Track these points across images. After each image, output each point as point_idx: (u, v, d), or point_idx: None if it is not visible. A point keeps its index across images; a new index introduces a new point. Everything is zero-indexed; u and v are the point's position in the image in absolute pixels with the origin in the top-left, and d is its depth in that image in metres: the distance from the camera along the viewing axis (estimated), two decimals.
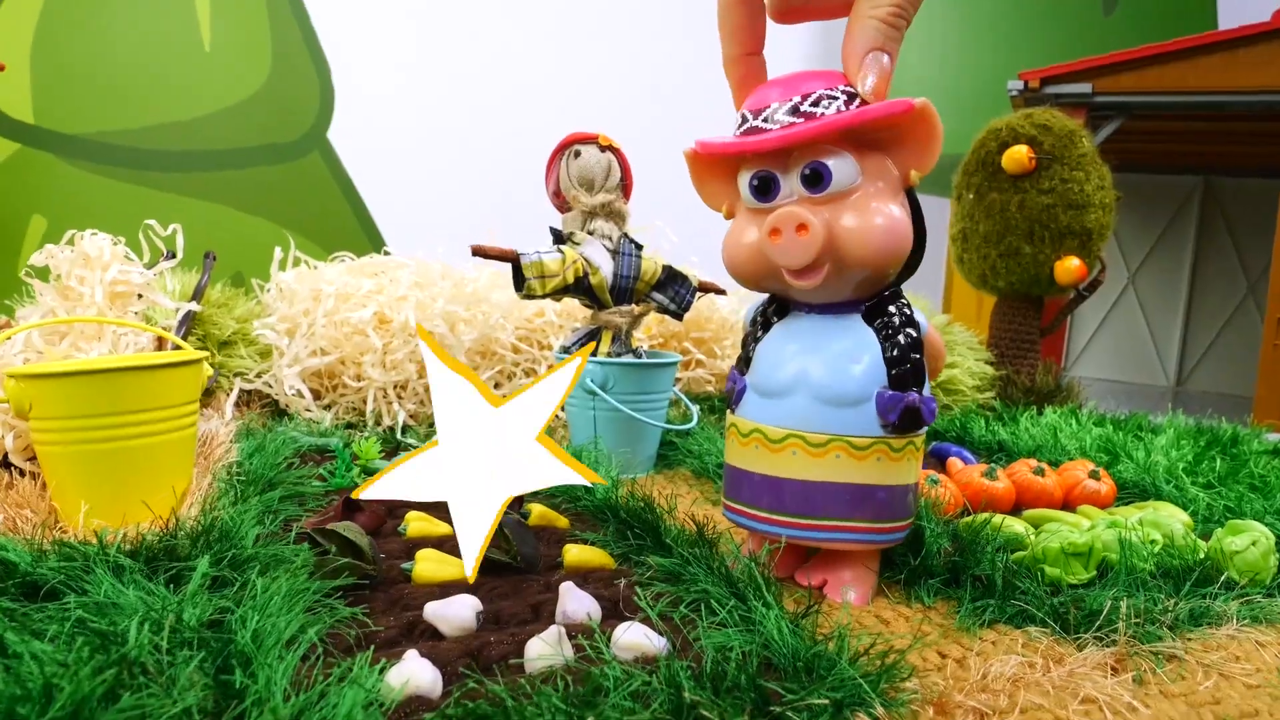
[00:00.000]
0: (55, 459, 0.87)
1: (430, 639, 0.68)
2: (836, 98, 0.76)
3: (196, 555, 0.74)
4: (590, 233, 1.35)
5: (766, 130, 0.77)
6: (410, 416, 1.44)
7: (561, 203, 1.39)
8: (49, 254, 1.09)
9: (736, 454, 0.86)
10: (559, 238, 1.35)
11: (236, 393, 1.32)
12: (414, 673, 0.58)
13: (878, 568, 0.88)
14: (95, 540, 0.72)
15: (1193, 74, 1.98)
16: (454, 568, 0.79)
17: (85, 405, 0.86)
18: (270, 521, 0.89)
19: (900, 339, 0.80)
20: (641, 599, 0.70)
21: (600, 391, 1.26)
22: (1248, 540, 0.88)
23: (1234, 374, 2.85)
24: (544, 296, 1.30)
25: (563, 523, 0.96)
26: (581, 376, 1.28)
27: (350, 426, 1.40)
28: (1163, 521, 0.93)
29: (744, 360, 0.88)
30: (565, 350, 1.34)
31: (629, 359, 1.33)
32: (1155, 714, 0.64)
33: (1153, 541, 0.89)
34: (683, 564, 0.79)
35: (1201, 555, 0.89)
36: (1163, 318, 2.98)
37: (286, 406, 1.40)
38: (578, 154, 1.35)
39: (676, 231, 1.85)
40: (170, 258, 1.51)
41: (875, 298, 0.82)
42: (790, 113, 0.76)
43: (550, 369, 0.83)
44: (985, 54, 3.18)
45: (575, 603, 0.71)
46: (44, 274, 1.12)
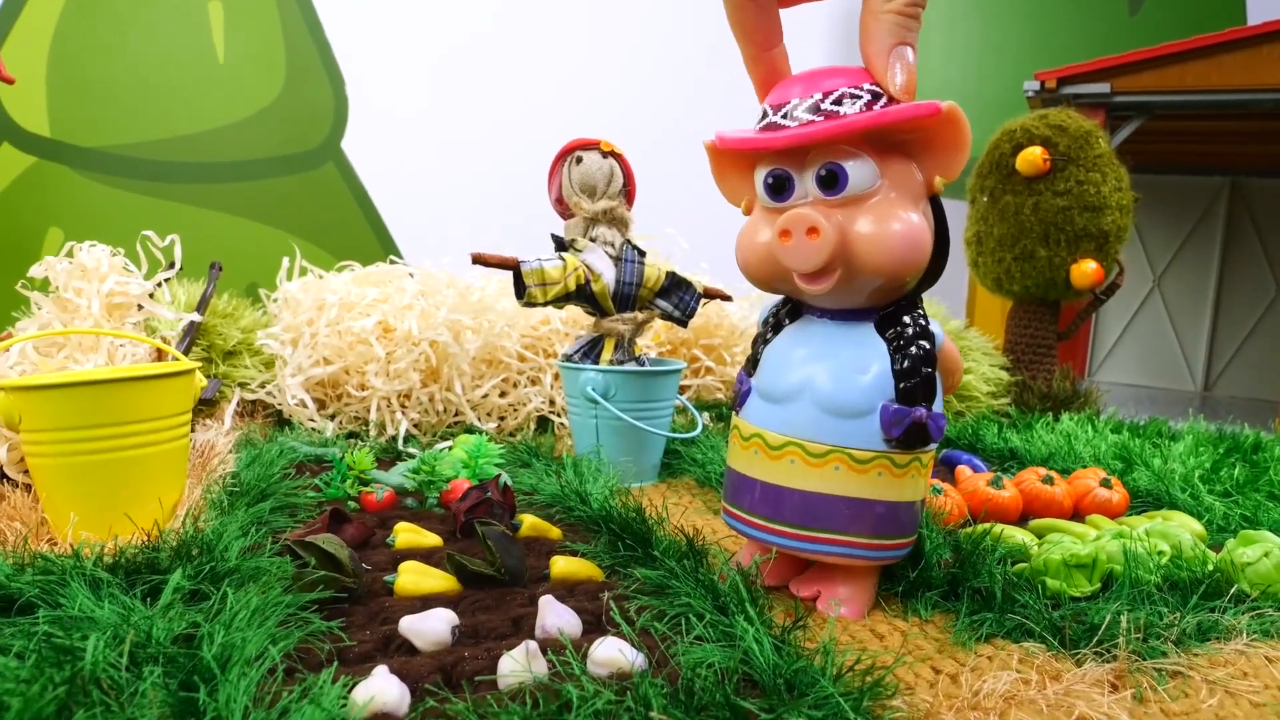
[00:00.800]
0: (46, 471, 0.87)
1: (406, 654, 0.67)
2: (860, 96, 0.73)
3: (175, 569, 0.74)
4: (592, 239, 1.34)
5: (785, 127, 0.74)
6: (414, 426, 1.44)
7: (564, 209, 1.38)
8: (47, 265, 1.10)
9: (738, 457, 0.84)
10: (561, 245, 1.34)
11: (236, 402, 1.32)
12: (380, 689, 0.57)
13: (875, 582, 0.86)
14: (73, 553, 0.72)
15: (1215, 72, 1.93)
16: (436, 580, 0.78)
17: (75, 417, 0.86)
18: (258, 533, 0.88)
19: (912, 351, 0.77)
20: (615, 614, 0.68)
21: (601, 400, 1.25)
22: (1260, 551, 0.85)
23: (1263, 378, 2.78)
24: (545, 304, 1.29)
25: (555, 534, 0.94)
26: (583, 384, 1.27)
27: (353, 436, 1.40)
28: (1171, 532, 0.90)
29: (752, 361, 0.86)
30: (567, 358, 1.33)
31: (631, 367, 1.31)
32: None
33: (1160, 553, 0.86)
34: (669, 576, 0.78)
35: (1211, 567, 0.86)
36: (1189, 321, 2.91)
37: (290, 416, 1.40)
38: (579, 160, 1.34)
39: (688, 239, 1.84)
40: (170, 268, 1.52)
41: (890, 306, 0.79)
42: (810, 110, 0.73)
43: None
44: (1009, 55, 3.14)
45: (554, 617, 0.69)
46: (44, 285, 1.13)
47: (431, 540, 0.91)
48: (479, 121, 2.70)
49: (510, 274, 1.31)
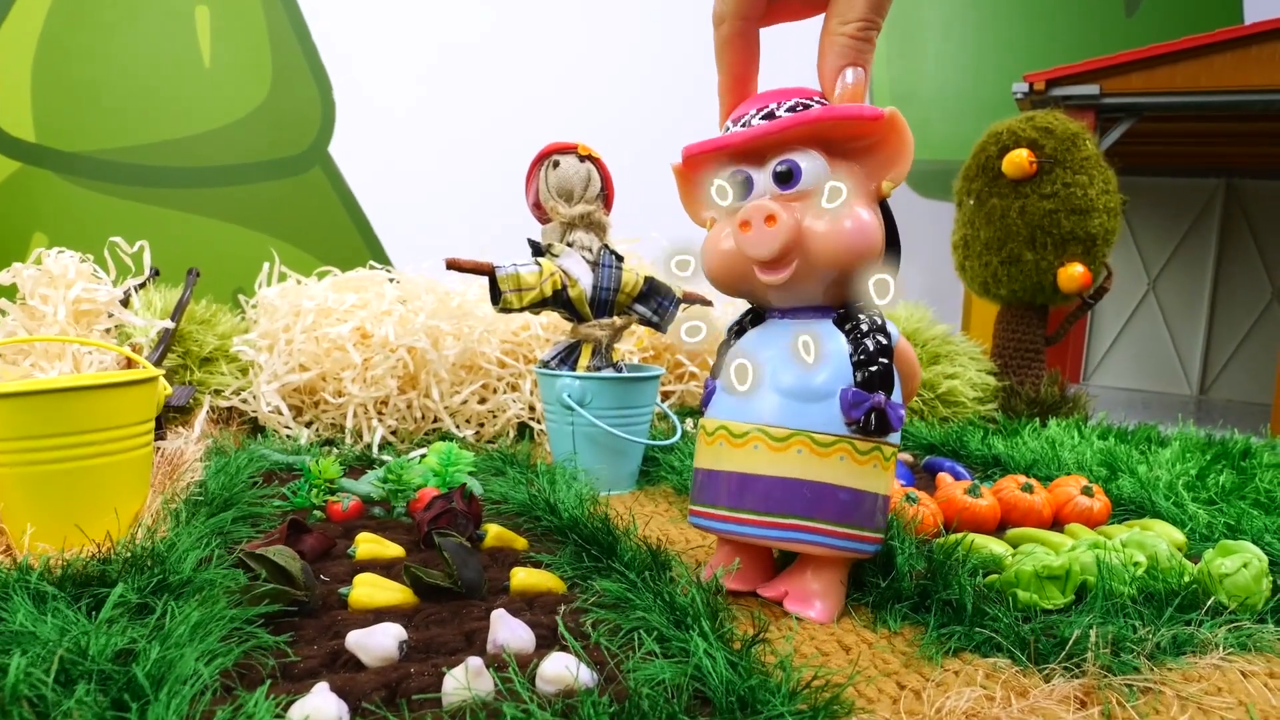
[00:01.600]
0: (4, 480, 0.86)
1: (352, 669, 0.65)
2: (810, 105, 0.78)
3: (124, 581, 0.72)
4: (569, 244, 1.32)
5: (738, 132, 0.80)
6: (392, 433, 1.42)
7: (541, 214, 1.37)
8: (14, 272, 1.09)
9: (703, 455, 0.85)
10: (537, 250, 1.32)
11: (207, 409, 1.30)
12: (317, 708, 0.55)
13: (845, 581, 0.85)
14: (16, 566, 0.71)
15: (1205, 73, 1.91)
16: (392, 592, 0.77)
17: (30, 426, 0.85)
18: (216, 544, 0.87)
19: (869, 343, 0.79)
20: (561, 628, 0.67)
21: (577, 407, 1.23)
22: (1239, 562, 0.83)
23: (1259, 382, 2.75)
24: (521, 310, 1.28)
25: (520, 544, 0.93)
26: (558, 391, 1.25)
27: (329, 443, 1.39)
28: (1148, 542, 0.88)
29: (718, 366, 0.88)
30: (544, 364, 1.31)
31: (609, 373, 1.30)
32: None
33: (1135, 564, 0.84)
34: (630, 589, 0.76)
35: (1188, 578, 0.84)
36: (1185, 325, 2.89)
37: (265, 423, 1.39)
38: (556, 164, 1.33)
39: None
40: (153, 274, 1.51)
41: (846, 305, 0.82)
42: (764, 117, 0.79)
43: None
44: (1005, 58, 3.12)
45: (506, 631, 0.68)
46: (12, 292, 1.12)
47: (394, 551, 0.89)
48: (467, 125, 2.69)
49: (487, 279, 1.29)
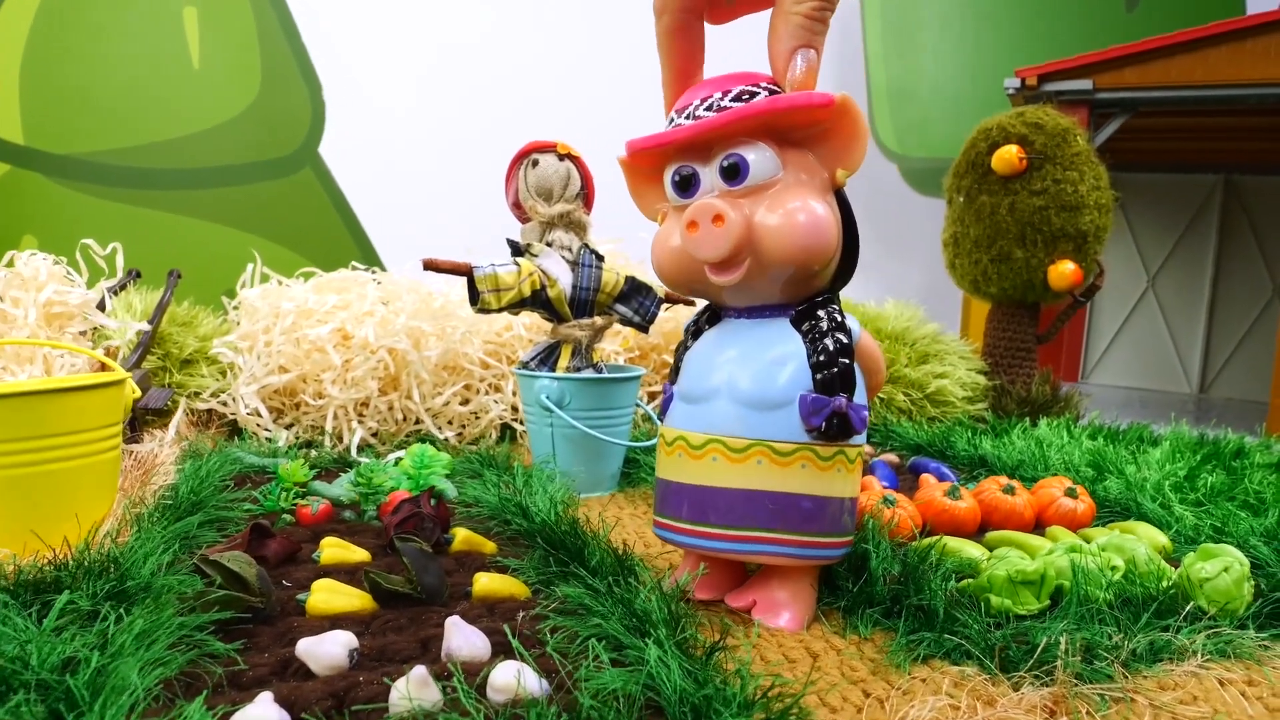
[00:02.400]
0: None
1: (302, 678, 0.64)
2: (757, 93, 0.74)
3: (77, 588, 0.71)
4: (549, 244, 1.31)
5: (686, 125, 0.76)
6: (373, 435, 1.41)
7: (521, 213, 1.35)
8: None
9: (664, 465, 0.83)
10: (516, 249, 1.31)
11: (183, 412, 1.29)
12: (256, 718, 0.54)
13: (815, 592, 0.83)
14: None
15: (1200, 67, 1.88)
16: (351, 598, 0.75)
17: None
18: (179, 549, 0.85)
19: (828, 343, 0.76)
20: (509, 635, 0.65)
21: (555, 409, 1.21)
22: (1219, 566, 0.81)
23: (1260, 380, 2.72)
24: (499, 311, 1.26)
25: (489, 548, 0.91)
26: (536, 392, 1.24)
27: (308, 445, 1.37)
28: (1127, 545, 0.86)
29: (675, 369, 0.86)
30: (524, 365, 1.30)
31: (589, 374, 1.28)
32: None
33: (1113, 568, 0.82)
34: (593, 595, 0.75)
35: (1167, 583, 0.82)
36: (1184, 322, 2.86)
37: (244, 426, 1.37)
38: (535, 163, 1.31)
39: None
40: (135, 276, 1.50)
41: (805, 302, 0.79)
42: (708, 109, 0.75)
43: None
44: (1004, 54, 3.09)
45: (460, 639, 0.66)
46: None
47: (359, 555, 0.88)
48: (459, 125, 2.67)
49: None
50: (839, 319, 0.78)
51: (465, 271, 1.25)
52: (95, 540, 0.79)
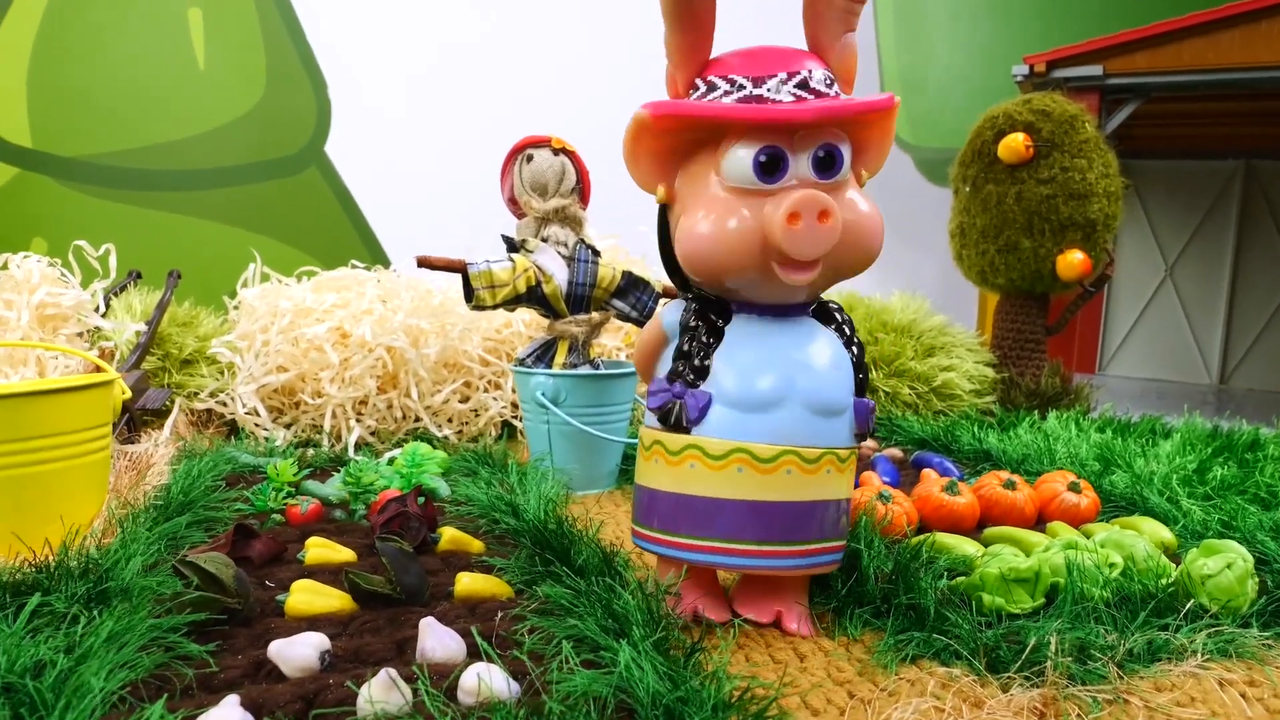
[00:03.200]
0: None
1: (274, 680, 0.63)
2: (832, 80, 0.72)
3: (57, 590, 0.71)
4: (544, 239, 1.29)
5: (773, 101, 0.69)
6: (371, 433, 1.41)
7: (517, 209, 1.34)
8: None
9: (700, 481, 0.73)
10: (511, 246, 1.30)
11: (178, 412, 1.29)
12: None
13: (805, 595, 0.81)
14: None
15: (1212, 50, 1.84)
16: (331, 599, 0.75)
17: None
18: (167, 550, 0.85)
19: (857, 341, 0.77)
20: (476, 636, 0.64)
21: (550, 406, 1.20)
22: (1222, 563, 0.78)
23: None
24: (495, 307, 1.25)
25: (476, 547, 0.90)
26: (532, 389, 1.23)
27: (306, 444, 1.37)
28: (1126, 541, 0.83)
29: (692, 370, 0.74)
30: (520, 362, 1.29)
31: (585, 370, 1.27)
32: None
33: (1111, 564, 0.80)
34: (574, 596, 0.73)
35: (1167, 580, 0.80)
36: (1204, 312, 2.80)
37: (242, 425, 1.38)
38: (530, 158, 1.30)
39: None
40: (138, 277, 1.50)
41: (815, 301, 0.77)
42: (799, 87, 0.70)
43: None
44: (1017, 42, 3.03)
45: (434, 640, 0.65)
46: None
47: (344, 555, 0.87)
48: (464, 123, 2.67)
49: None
50: (847, 317, 0.78)
51: (460, 268, 1.24)
52: (79, 542, 0.79)
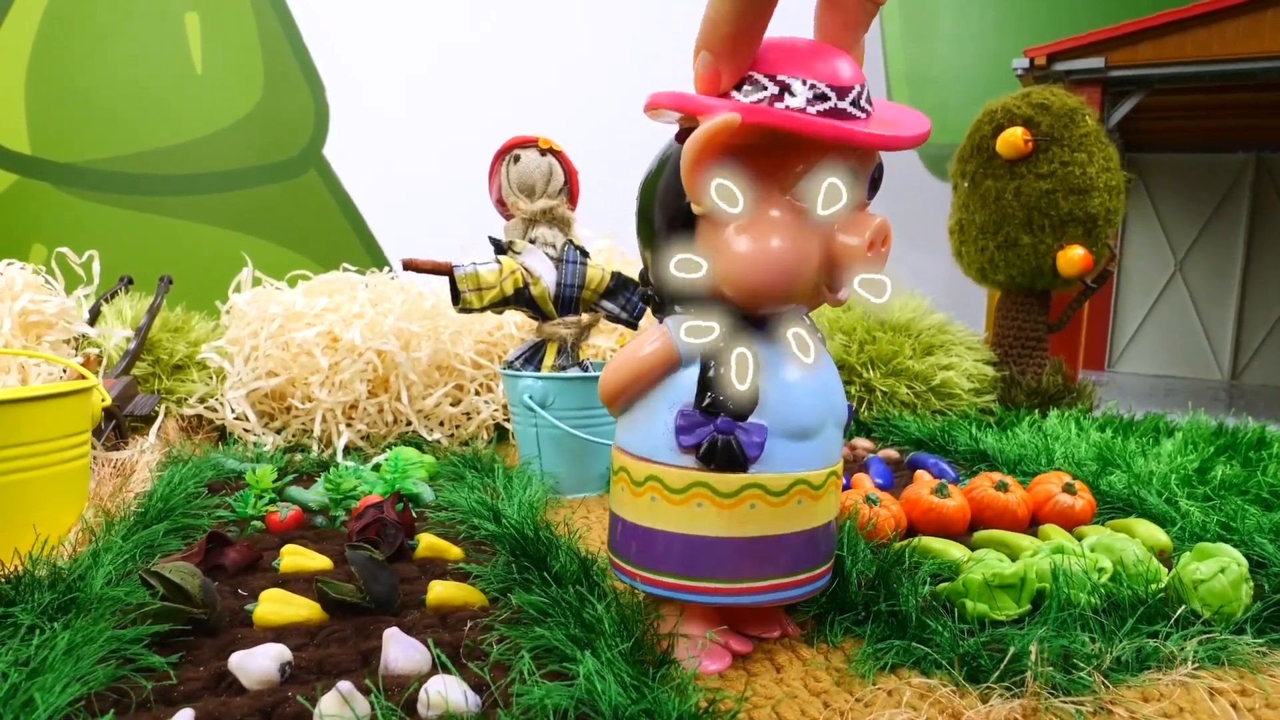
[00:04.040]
0: None
1: (235, 693, 0.62)
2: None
3: (19, 601, 0.70)
4: (532, 241, 1.28)
5: (857, 117, 0.62)
6: (362, 438, 1.40)
7: (505, 210, 1.33)
8: None
9: (753, 521, 0.68)
10: (499, 248, 1.29)
11: (163, 418, 1.29)
12: None
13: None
14: None
15: (1217, 40, 1.80)
16: (300, 609, 0.73)
17: None
18: (142, 558, 0.84)
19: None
20: (432, 647, 0.63)
21: (538, 409, 1.19)
22: (1215, 567, 0.76)
23: None
24: (482, 310, 1.24)
25: (454, 554, 0.89)
26: (520, 392, 1.21)
27: (296, 449, 1.36)
28: (1117, 545, 0.81)
29: (712, 400, 0.66)
30: (509, 365, 1.27)
31: (574, 373, 1.25)
32: None
33: (1100, 569, 0.78)
34: (547, 604, 0.72)
35: (1159, 585, 0.78)
36: (1214, 307, 2.75)
37: (231, 431, 1.37)
38: (517, 159, 1.29)
39: None
40: (129, 283, 1.50)
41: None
42: (868, 102, 0.64)
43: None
44: (1024, 34, 3.00)
45: (398, 651, 0.64)
46: None
47: (319, 563, 0.86)
48: (464, 124, 2.66)
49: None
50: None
51: (446, 271, 1.23)
52: (49, 551, 0.78)
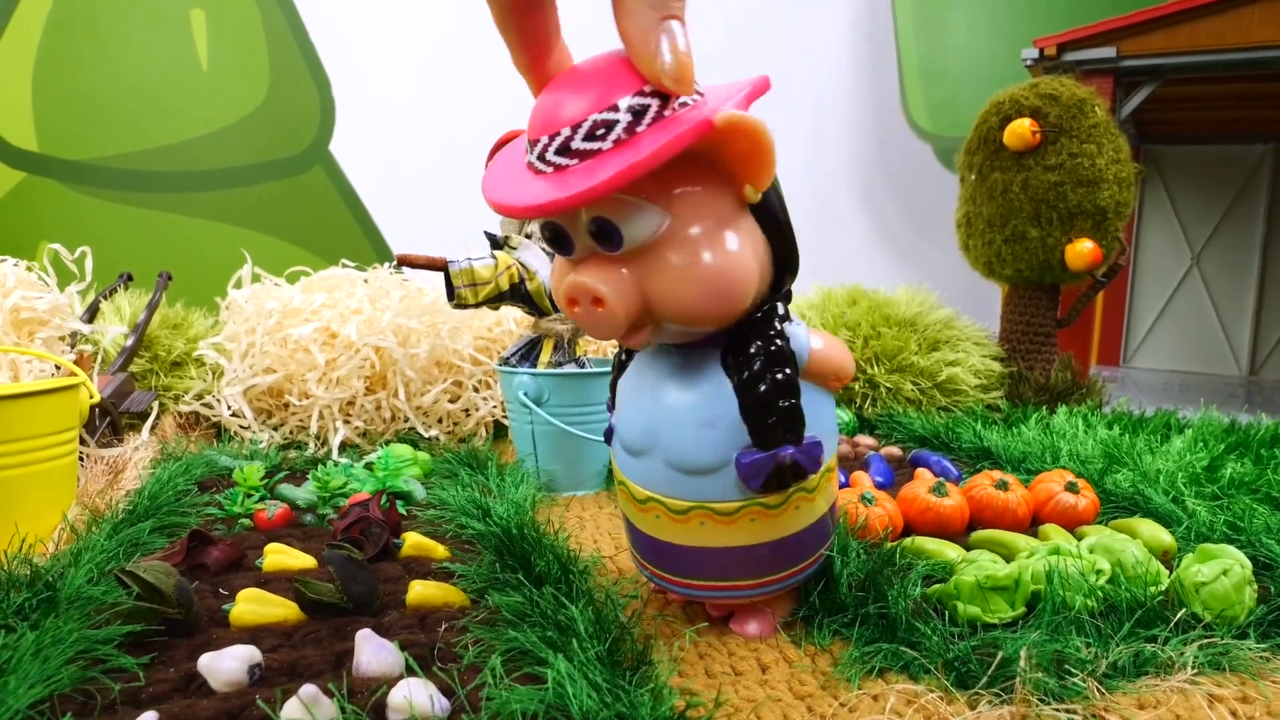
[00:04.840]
0: None
1: (204, 695, 0.61)
2: (616, 121, 0.55)
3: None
4: (528, 236, 1.27)
5: (541, 172, 0.58)
6: (360, 435, 1.39)
7: None
8: None
9: (621, 502, 0.77)
10: (495, 242, 1.27)
11: (156, 415, 1.28)
12: None
13: (792, 595, 0.78)
14: None
15: (1231, 29, 1.76)
16: (278, 608, 0.72)
17: None
18: (124, 557, 0.84)
19: (764, 385, 0.65)
20: (398, 649, 0.61)
21: (533, 405, 1.18)
22: (1217, 569, 0.74)
23: None
24: (477, 305, 1.23)
25: (440, 553, 0.88)
26: (515, 389, 1.20)
27: (292, 446, 1.36)
28: (1116, 546, 0.79)
29: (612, 397, 0.77)
30: (504, 361, 1.26)
31: (571, 369, 1.24)
32: None
33: (1098, 571, 0.76)
34: (526, 604, 0.70)
35: (1160, 588, 0.75)
36: (1232, 301, 2.70)
37: (227, 427, 1.36)
38: None
39: None
40: (129, 279, 1.50)
41: (738, 328, 0.66)
42: (560, 153, 0.57)
43: None
44: (1039, 24, 2.95)
45: (369, 653, 0.63)
46: None
47: (303, 561, 0.85)
48: (471, 118, 2.64)
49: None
50: (777, 345, 0.66)
51: (441, 266, 1.21)
52: (29, 550, 0.78)
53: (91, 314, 1.39)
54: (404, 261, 1.22)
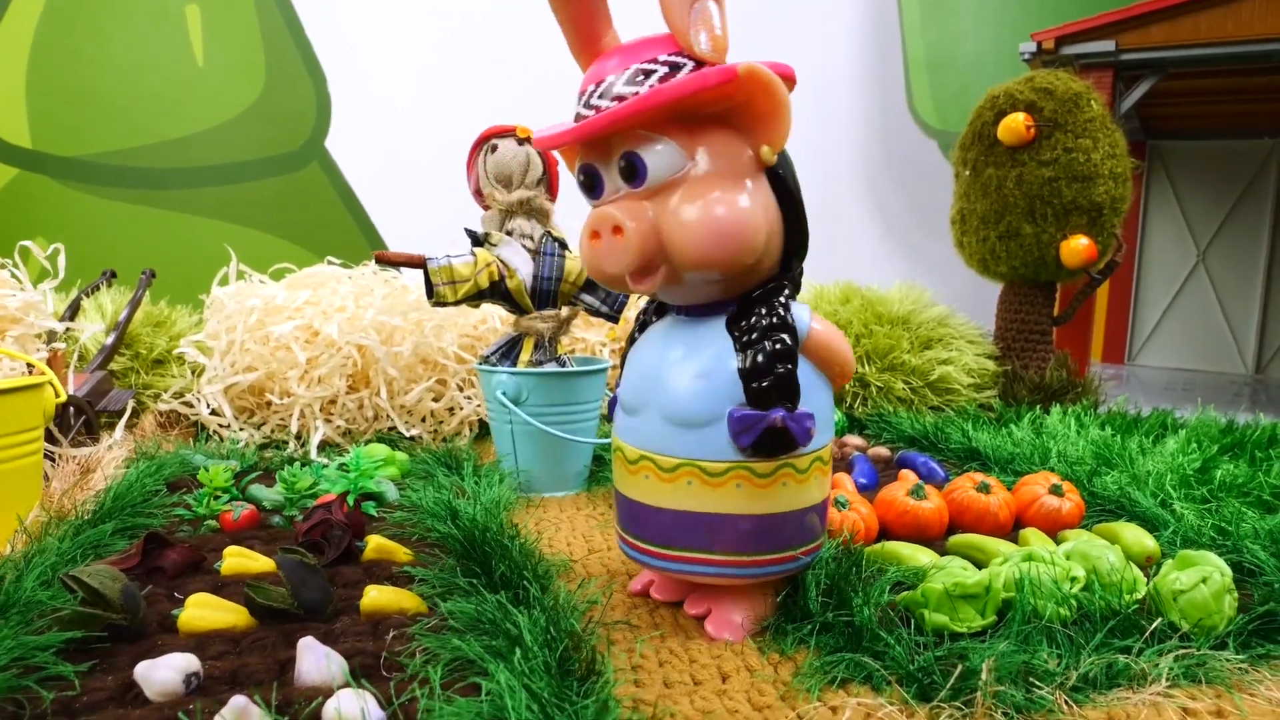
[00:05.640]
0: None
1: (141, 704, 0.59)
2: (654, 70, 0.67)
3: None
4: (509, 232, 1.25)
5: (584, 117, 0.69)
6: (342, 434, 1.38)
7: (483, 201, 1.30)
8: None
9: (615, 473, 0.79)
10: (475, 239, 1.26)
11: (131, 413, 1.27)
12: None
13: (769, 599, 0.76)
14: None
15: (1232, 21, 1.71)
16: (228, 614, 0.71)
17: None
18: (81, 559, 0.82)
19: (764, 347, 0.69)
20: (330, 660, 0.60)
21: (511, 405, 1.16)
22: (1196, 577, 0.71)
23: None
24: (456, 303, 1.21)
25: (403, 556, 0.86)
26: (494, 388, 1.18)
27: (271, 445, 1.34)
28: (1094, 552, 0.76)
29: (623, 370, 0.81)
30: (484, 360, 1.24)
31: (551, 368, 1.22)
32: None
33: (1073, 578, 0.73)
34: (479, 611, 0.69)
35: (1133, 597, 0.73)
36: (1238, 299, 2.65)
37: (206, 426, 1.35)
38: (494, 148, 1.26)
39: None
40: (112, 276, 1.49)
41: (743, 297, 0.72)
42: (605, 96, 0.68)
43: None
44: (1046, 17, 2.91)
45: (310, 662, 0.61)
46: None
47: (262, 565, 0.83)
48: (467, 114, 2.61)
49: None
50: (780, 315, 0.70)
51: (419, 264, 1.20)
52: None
53: (73, 311, 1.38)
54: (382, 260, 1.21)
